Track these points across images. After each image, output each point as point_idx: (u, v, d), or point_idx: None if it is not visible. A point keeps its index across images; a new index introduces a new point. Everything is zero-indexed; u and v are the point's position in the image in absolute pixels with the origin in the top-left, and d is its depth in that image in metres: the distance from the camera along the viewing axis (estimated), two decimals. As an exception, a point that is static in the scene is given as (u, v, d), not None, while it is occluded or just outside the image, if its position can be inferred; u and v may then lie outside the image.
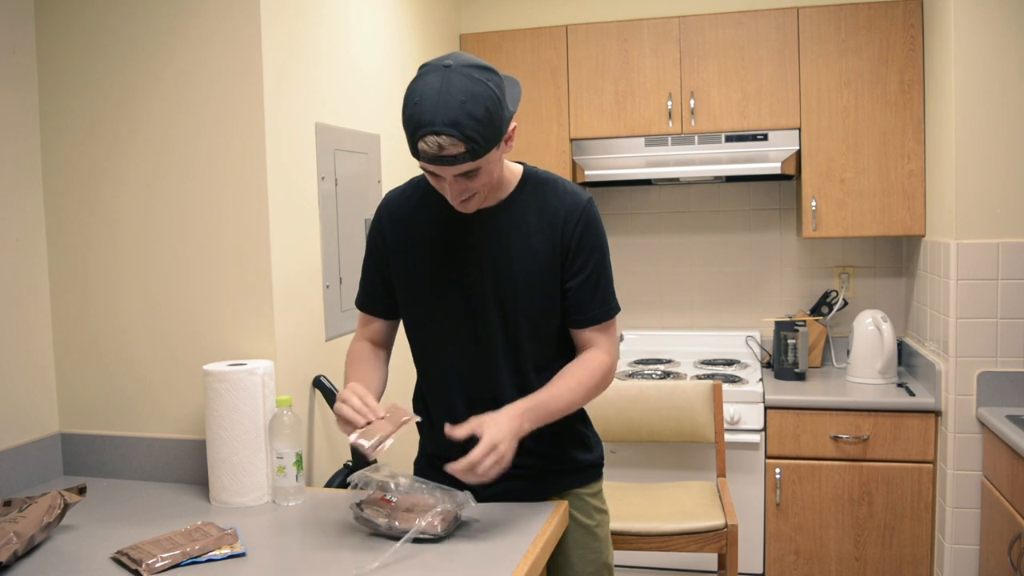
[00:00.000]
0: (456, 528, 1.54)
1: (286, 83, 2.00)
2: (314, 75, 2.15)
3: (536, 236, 1.61)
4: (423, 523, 1.48)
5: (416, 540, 1.48)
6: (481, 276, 1.61)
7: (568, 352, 1.69)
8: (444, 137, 1.39)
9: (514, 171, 1.67)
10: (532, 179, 1.66)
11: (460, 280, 1.63)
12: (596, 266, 1.63)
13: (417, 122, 1.41)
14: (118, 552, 1.49)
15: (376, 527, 1.53)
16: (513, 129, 1.52)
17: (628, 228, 3.73)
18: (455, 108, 1.38)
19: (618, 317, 1.72)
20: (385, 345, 1.80)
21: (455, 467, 1.44)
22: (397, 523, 1.51)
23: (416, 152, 1.44)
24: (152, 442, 1.98)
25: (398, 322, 1.78)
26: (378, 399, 1.67)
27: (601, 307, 1.65)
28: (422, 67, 1.47)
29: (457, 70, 1.41)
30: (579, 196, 1.64)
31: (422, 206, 1.68)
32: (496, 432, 1.45)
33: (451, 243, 1.64)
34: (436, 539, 1.50)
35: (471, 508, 1.56)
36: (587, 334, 1.66)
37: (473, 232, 1.62)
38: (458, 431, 1.48)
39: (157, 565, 1.42)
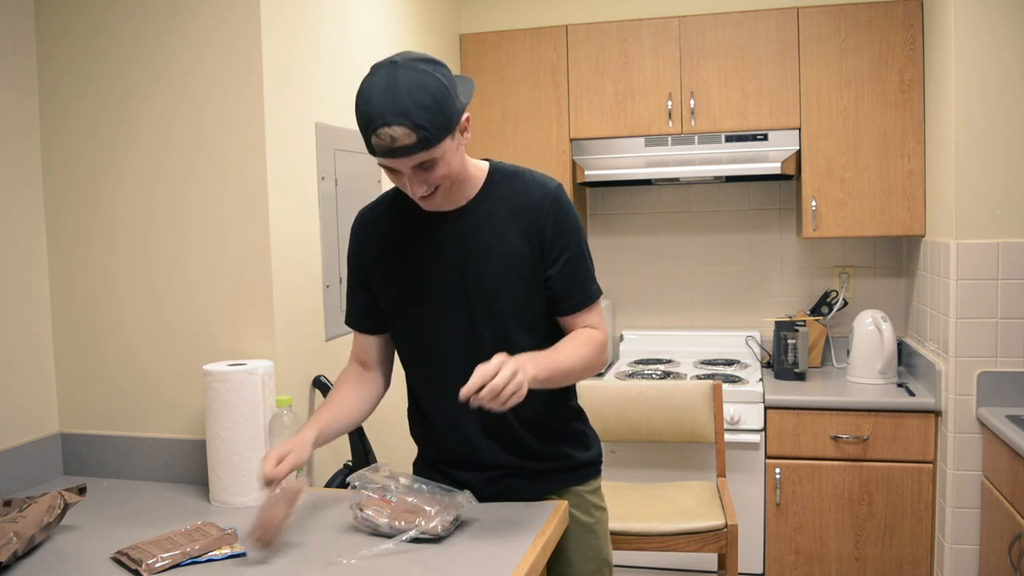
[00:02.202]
0: (456, 528, 1.54)
1: (286, 83, 2.00)
2: (314, 75, 2.15)
3: (509, 229, 1.60)
4: (423, 523, 1.48)
5: (416, 540, 1.48)
6: (461, 277, 1.61)
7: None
8: (395, 128, 1.40)
9: (480, 168, 1.66)
10: (499, 173, 1.66)
11: (440, 284, 1.62)
12: (574, 252, 1.63)
13: (368, 117, 1.43)
14: (118, 552, 1.49)
15: (376, 527, 1.53)
16: (466, 120, 1.52)
17: (628, 228, 3.73)
18: (403, 99, 1.40)
19: (618, 317, 1.72)
20: (378, 364, 1.78)
21: (470, 385, 1.39)
22: (397, 523, 1.51)
23: (372, 148, 1.46)
24: (152, 442, 1.99)
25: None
26: (346, 428, 1.70)
27: (583, 292, 1.65)
28: (372, 66, 1.49)
29: (403, 64, 1.43)
30: (548, 184, 1.64)
31: (393, 217, 1.68)
32: (515, 362, 1.42)
33: (426, 248, 1.64)
34: (436, 539, 1.50)
35: (471, 508, 1.56)
36: (575, 321, 1.66)
37: (446, 234, 1.62)
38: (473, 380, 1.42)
39: (157, 565, 1.42)
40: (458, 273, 1.61)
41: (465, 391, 1.40)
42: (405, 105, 1.40)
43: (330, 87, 2.23)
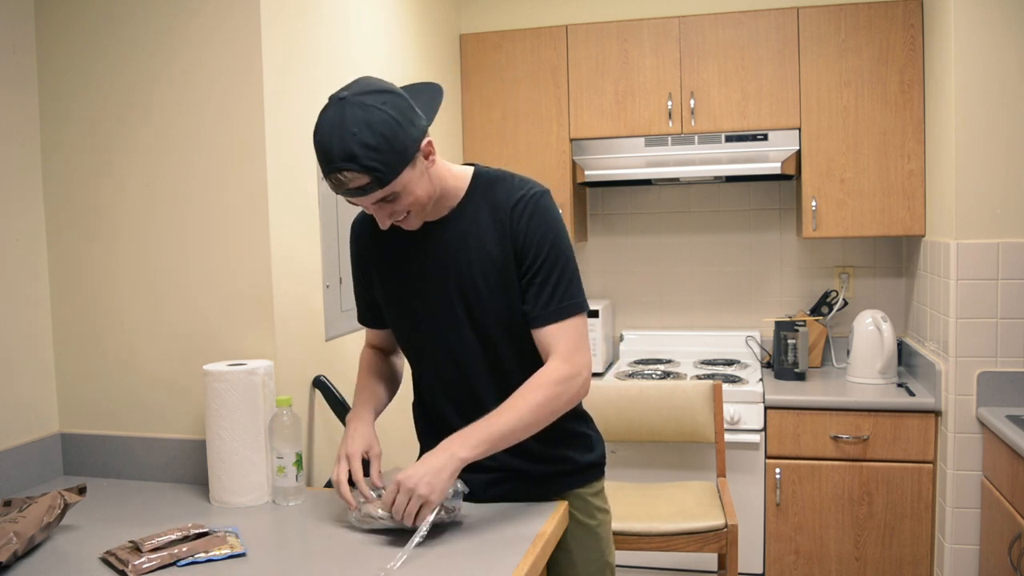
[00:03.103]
0: (457, 512, 1.55)
1: (286, 83, 2.00)
2: (314, 75, 2.15)
3: (490, 237, 1.59)
4: (431, 518, 1.47)
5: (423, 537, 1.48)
6: (445, 286, 1.61)
7: None
8: (345, 173, 1.39)
9: (462, 177, 1.63)
10: (483, 180, 1.63)
11: (427, 291, 1.63)
12: (548, 258, 1.56)
13: (321, 161, 1.42)
14: (106, 552, 1.48)
15: (374, 523, 1.52)
16: (428, 144, 1.48)
17: (628, 228, 3.73)
18: (348, 141, 1.38)
19: (618, 317, 1.71)
20: (392, 349, 1.86)
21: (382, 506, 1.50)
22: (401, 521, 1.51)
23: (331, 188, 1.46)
24: (152, 442, 1.98)
25: None
26: (381, 410, 1.76)
27: (557, 303, 1.56)
28: (329, 97, 1.47)
29: (351, 100, 1.40)
30: (529, 188, 1.60)
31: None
32: (405, 475, 1.46)
33: (414, 256, 1.64)
34: (447, 524, 1.52)
35: (461, 497, 1.55)
36: (544, 335, 1.57)
37: (431, 242, 1.62)
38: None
39: (144, 566, 1.42)
40: (443, 281, 1.62)
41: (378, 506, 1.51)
42: (351, 148, 1.38)
43: (330, 87, 2.21)
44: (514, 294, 1.60)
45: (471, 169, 1.66)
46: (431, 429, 1.73)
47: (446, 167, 1.61)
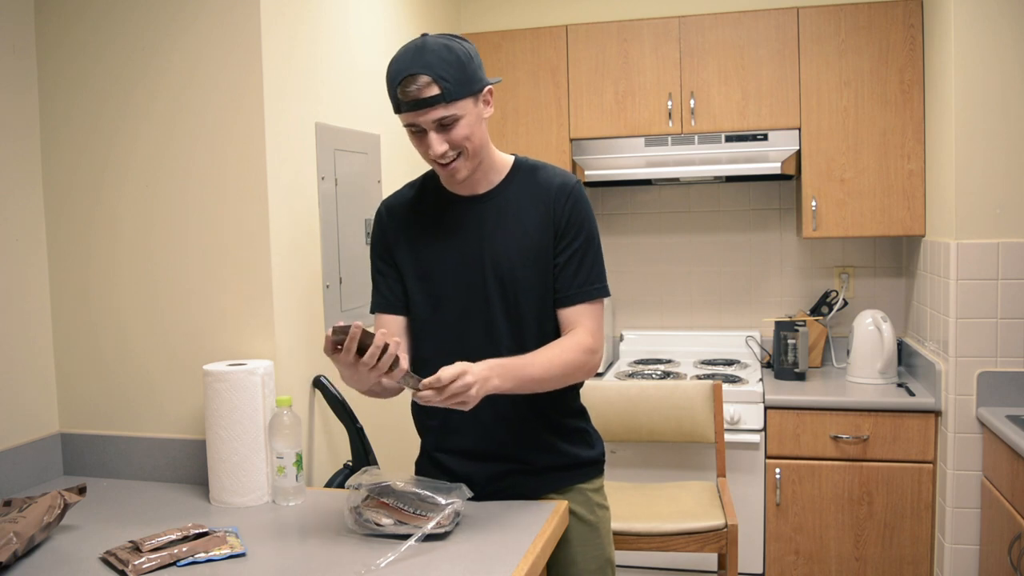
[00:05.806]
0: (457, 523, 1.55)
1: (286, 83, 2.00)
2: (314, 75, 2.15)
3: (530, 217, 1.66)
4: (430, 524, 1.47)
5: (418, 540, 1.48)
6: (481, 260, 1.65)
7: None
8: (420, 78, 1.50)
9: (506, 159, 1.74)
10: (523, 165, 1.73)
11: (461, 263, 1.67)
12: (583, 244, 1.67)
13: (395, 73, 1.53)
14: (106, 552, 1.48)
15: (380, 529, 1.53)
16: (489, 91, 1.61)
17: (628, 228, 3.73)
18: (427, 55, 1.51)
19: (618, 317, 1.73)
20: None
21: (426, 382, 1.44)
22: (403, 522, 1.50)
23: (397, 105, 1.54)
24: (152, 442, 1.99)
25: None
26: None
27: (586, 286, 1.67)
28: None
29: (431, 36, 1.56)
30: (568, 176, 1.71)
31: (419, 202, 1.74)
32: (468, 366, 1.46)
33: (450, 229, 1.69)
34: (441, 536, 1.50)
35: (468, 504, 1.55)
36: (571, 314, 1.67)
37: (470, 217, 1.68)
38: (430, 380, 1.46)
39: (144, 566, 1.42)
40: (478, 254, 1.65)
41: (426, 382, 1.44)
42: (429, 59, 1.50)
43: (330, 87, 2.23)
44: (547, 275, 1.66)
45: (513, 157, 1.76)
46: (435, 419, 1.72)
47: (493, 146, 1.71)
